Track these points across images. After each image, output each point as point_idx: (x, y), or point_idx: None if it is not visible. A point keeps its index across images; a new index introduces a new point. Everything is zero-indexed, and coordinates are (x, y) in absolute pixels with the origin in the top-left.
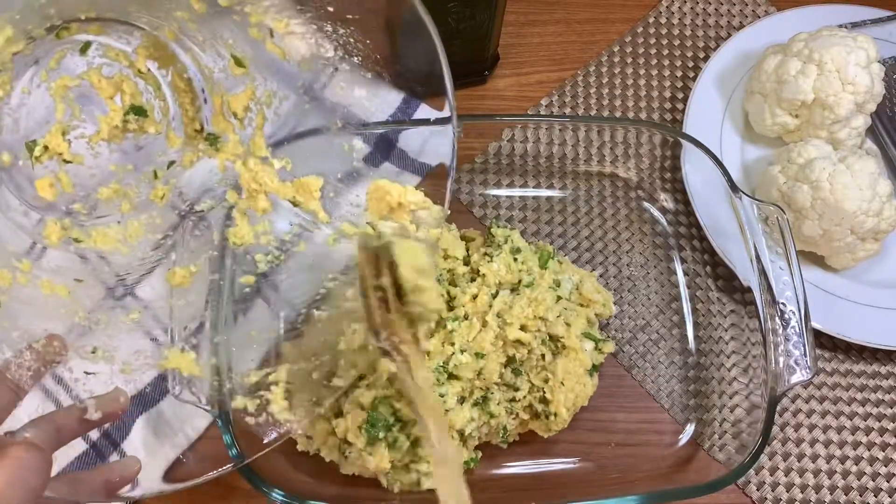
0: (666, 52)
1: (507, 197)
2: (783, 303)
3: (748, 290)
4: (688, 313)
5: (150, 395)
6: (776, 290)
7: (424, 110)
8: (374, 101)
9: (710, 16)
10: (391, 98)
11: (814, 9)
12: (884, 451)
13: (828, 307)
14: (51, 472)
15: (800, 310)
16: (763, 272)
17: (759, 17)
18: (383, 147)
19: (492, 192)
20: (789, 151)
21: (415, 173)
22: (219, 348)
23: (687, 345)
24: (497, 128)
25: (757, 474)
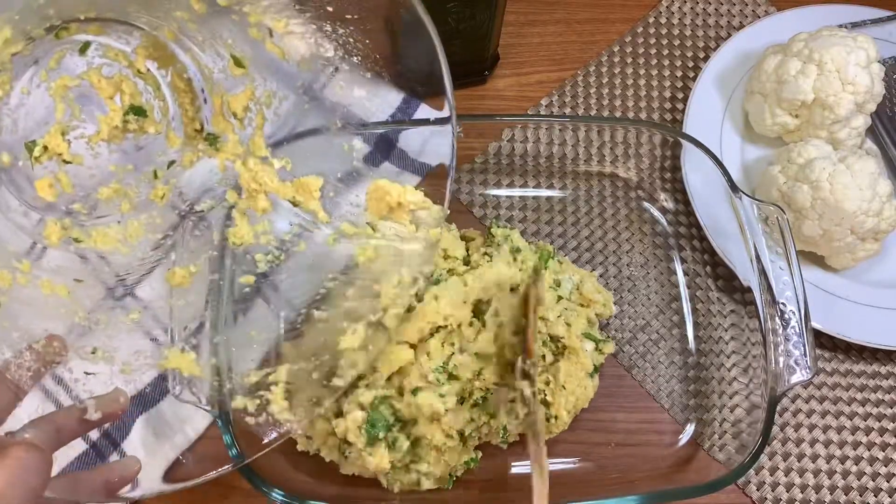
0: (666, 52)
1: (507, 197)
2: (783, 303)
3: (748, 290)
4: (688, 313)
5: (150, 396)
6: (776, 290)
7: (424, 110)
8: (374, 101)
9: (710, 16)
10: (391, 98)
11: (814, 9)
12: (884, 451)
13: (828, 307)
14: (51, 473)
15: (800, 310)
16: (763, 272)
17: (759, 17)
18: (383, 147)
19: (492, 192)
20: (789, 151)
21: (415, 173)
22: (219, 348)
23: (687, 345)
24: (497, 128)
25: (757, 474)
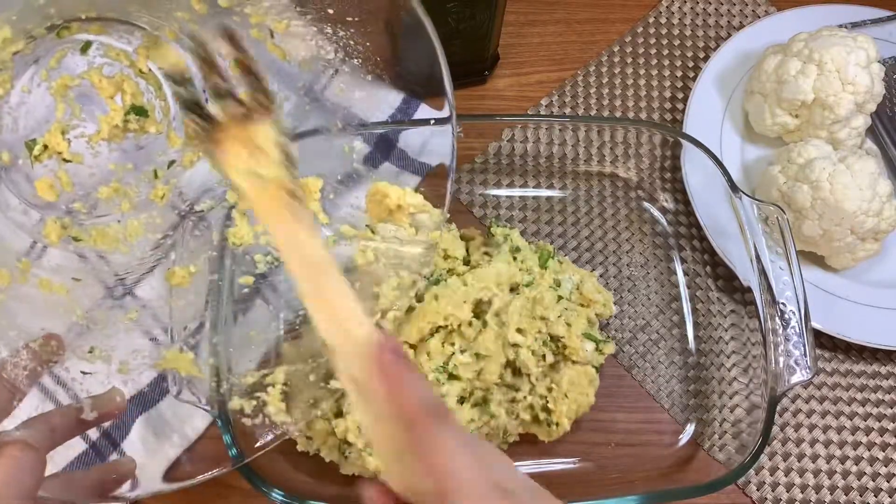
0: (666, 52)
1: (507, 197)
2: (783, 303)
3: (748, 290)
4: (688, 313)
5: (149, 396)
6: (776, 290)
7: (424, 110)
8: (375, 101)
9: (710, 16)
10: (391, 98)
11: (814, 9)
12: (884, 451)
13: (828, 307)
14: (45, 472)
15: (800, 310)
16: (763, 272)
17: (759, 17)
18: (383, 147)
19: (492, 192)
20: (789, 151)
21: (415, 173)
22: (218, 348)
23: (687, 345)
24: (497, 128)
25: (757, 474)
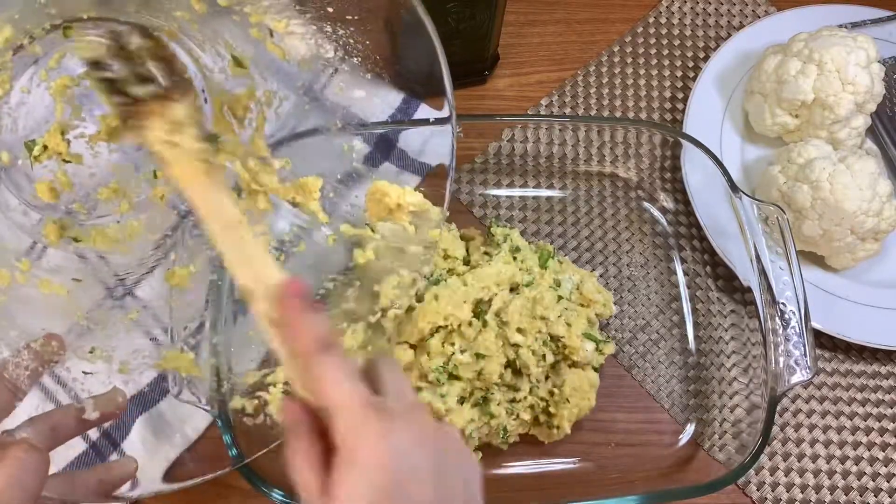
0: (666, 52)
1: (507, 197)
2: (783, 303)
3: (748, 290)
4: (688, 313)
5: (149, 395)
6: (776, 290)
7: (425, 110)
8: (374, 101)
9: (710, 16)
10: (391, 98)
11: (814, 9)
12: (884, 451)
13: (828, 307)
14: (48, 473)
15: (800, 310)
16: (763, 272)
17: (759, 17)
18: (383, 147)
19: (492, 192)
20: (789, 151)
21: (415, 173)
22: (218, 348)
23: (687, 345)
24: (497, 128)
25: (757, 474)
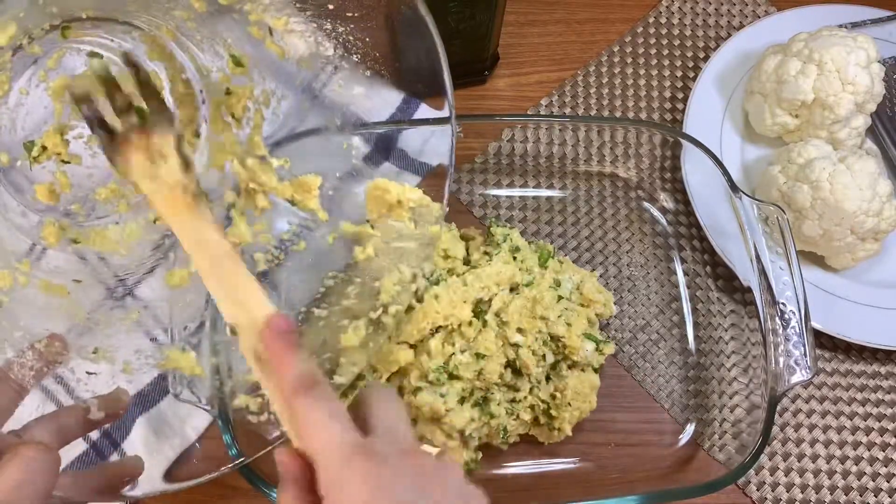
0: (666, 52)
1: (507, 197)
2: (783, 303)
3: (748, 290)
4: (688, 313)
5: (150, 395)
6: (776, 290)
7: (425, 110)
8: (374, 100)
9: (710, 16)
10: (391, 98)
11: (814, 9)
12: (884, 451)
13: (828, 307)
14: (58, 473)
15: (800, 310)
16: (763, 272)
17: (759, 17)
18: (383, 147)
19: (492, 192)
20: (789, 151)
21: (415, 173)
22: (219, 348)
23: (687, 345)
24: (497, 128)
25: (757, 474)
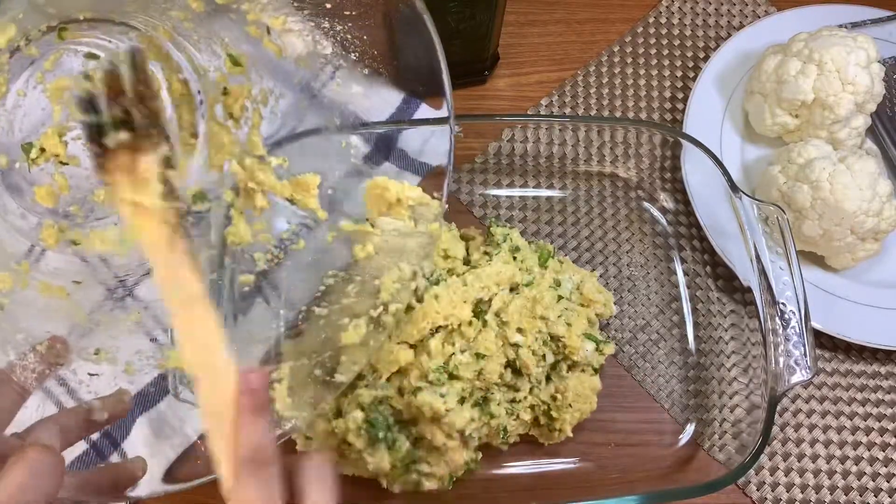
0: (666, 52)
1: (507, 197)
2: (783, 303)
3: (748, 290)
4: (688, 313)
5: (150, 395)
6: (776, 290)
7: (425, 110)
8: (374, 100)
9: (710, 16)
10: (391, 98)
11: (814, 9)
12: (884, 451)
13: (828, 307)
14: (63, 475)
15: (800, 310)
16: (763, 272)
17: (759, 17)
18: (383, 147)
19: (492, 192)
20: (789, 151)
21: (415, 173)
22: None
23: (687, 345)
24: (497, 128)
25: (757, 474)
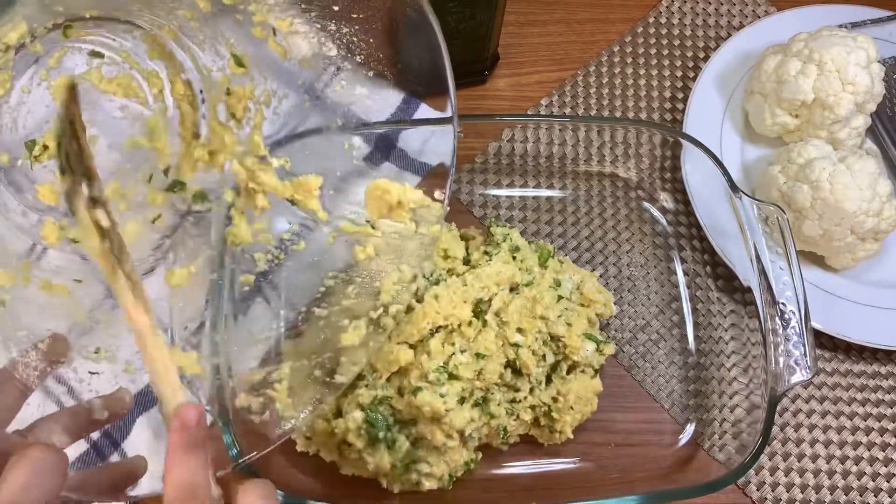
0: (666, 52)
1: (507, 197)
2: (783, 303)
3: (748, 290)
4: (688, 313)
5: (150, 395)
6: (776, 290)
7: (424, 110)
8: (375, 100)
9: (710, 16)
10: (391, 98)
11: (814, 9)
12: (884, 451)
13: (828, 307)
14: (66, 473)
15: (800, 310)
16: (763, 272)
17: (759, 17)
18: (383, 147)
19: (492, 192)
20: (789, 151)
21: (415, 173)
22: (219, 347)
23: (687, 345)
24: (497, 128)
25: (757, 474)
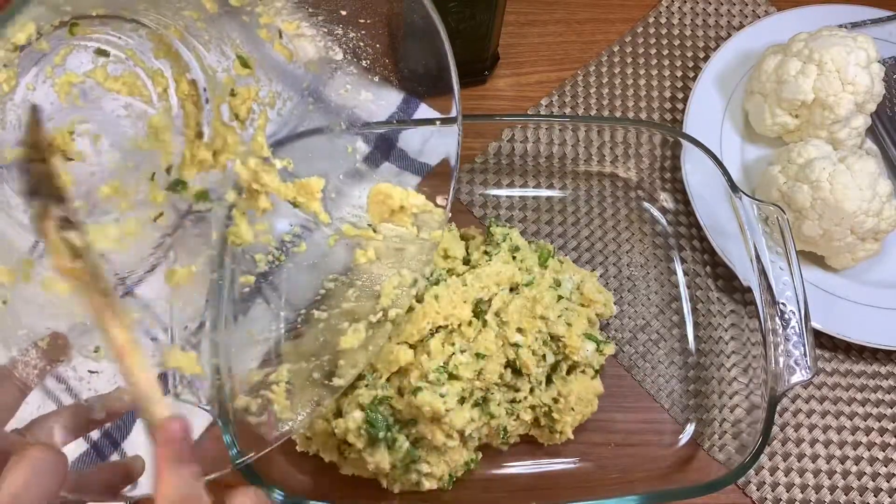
0: (666, 52)
1: (507, 197)
2: (783, 303)
3: (748, 290)
4: (688, 313)
5: None
6: (776, 290)
7: (424, 110)
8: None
9: (710, 16)
10: (391, 98)
11: (814, 9)
12: (884, 451)
13: (828, 307)
14: (66, 473)
15: (800, 310)
16: (763, 272)
17: (759, 17)
18: (383, 147)
19: (492, 192)
20: (789, 151)
21: (415, 173)
22: (219, 348)
23: (687, 345)
24: (497, 128)
25: (757, 474)
